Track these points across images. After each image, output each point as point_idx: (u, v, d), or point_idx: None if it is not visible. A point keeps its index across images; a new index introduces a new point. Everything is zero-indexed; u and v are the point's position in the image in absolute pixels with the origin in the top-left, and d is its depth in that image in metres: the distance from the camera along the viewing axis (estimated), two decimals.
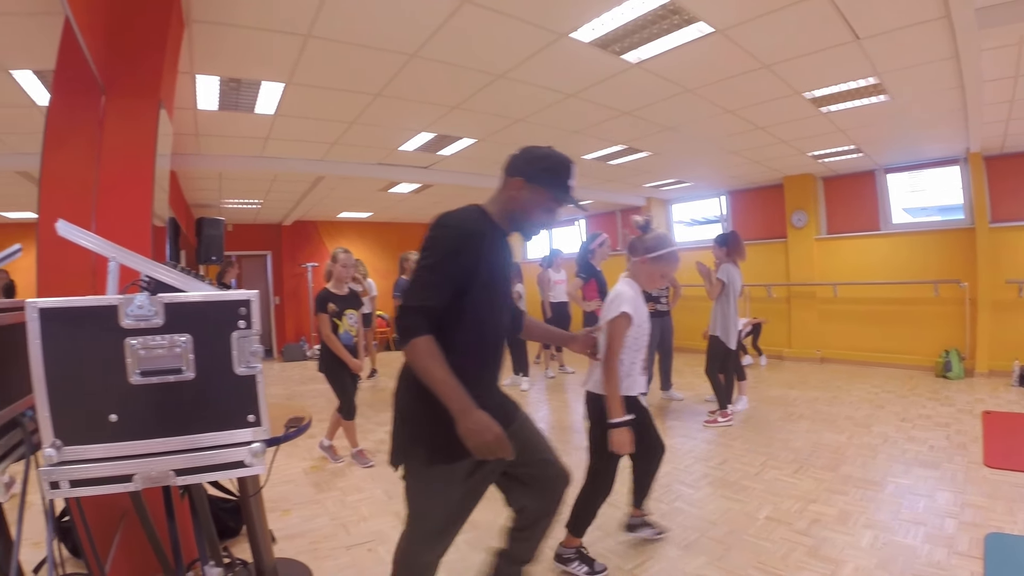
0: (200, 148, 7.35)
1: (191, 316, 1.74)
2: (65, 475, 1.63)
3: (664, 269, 3.27)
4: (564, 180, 2.25)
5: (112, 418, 1.68)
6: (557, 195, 2.25)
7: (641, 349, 3.25)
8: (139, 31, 3.27)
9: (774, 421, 6.35)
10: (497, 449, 1.94)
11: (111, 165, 3.08)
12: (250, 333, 1.78)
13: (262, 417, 1.82)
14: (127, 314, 1.67)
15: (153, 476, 1.72)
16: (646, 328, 3.26)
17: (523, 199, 2.23)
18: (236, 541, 3.74)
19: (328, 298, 5.14)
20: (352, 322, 5.21)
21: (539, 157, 2.25)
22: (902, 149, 8.75)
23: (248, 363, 1.78)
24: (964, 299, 8.84)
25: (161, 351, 1.70)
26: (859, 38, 4.65)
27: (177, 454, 1.74)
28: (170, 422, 1.74)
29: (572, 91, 5.84)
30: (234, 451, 1.79)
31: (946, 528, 3.55)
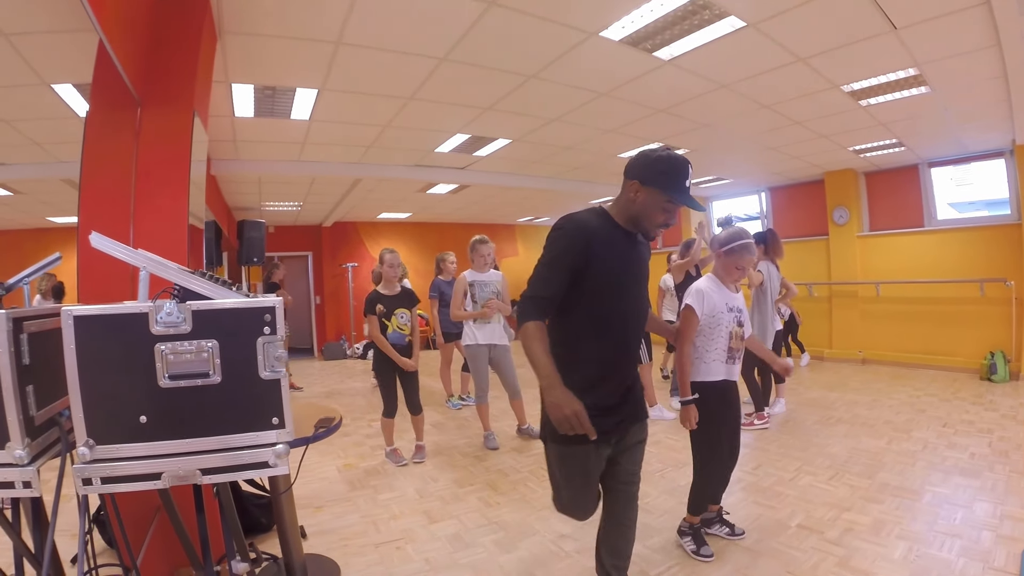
0: (239, 154, 7.51)
1: (218, 322, 1.82)
2: (97, 472, 1.73)
3: (737, 262, 3.43)
4: (679, 181, 2.35)
5: (142, 419, 1.76)
6: (673, 196, 2.34)
7: (717, 339, 3.39)
8: (172, 45, 3.39)
9: (811, 425, 6.25)
10: (576, 424, 2.07)
11: (147, 174, 3.19)
12: (275, 339, 1.84)
13: (286, 420, 1.88)
14: (157, 321, 1.75)
15: (180, 475, 1.79)
16: (721, 320, 3.39)
17: (640, 201, 2.37)
18: (268, 536, 3.82)
19: (376, 299, 5.26)
20: (403, 321, 5.30)
21: (654, 160, 2.36)
22: (945, 142, 8.49)
23: (273, 367, 1.85)
24: (1011, 299, 8.54)
25: (189, 356, 1.78)
26: (896, 28, 4.53)
27: (204, 454, 1.82)
28: (197, 424, 1.81)
29: (605, 90, 5.83)
30: (259, 452, 1.86)
31: (983, 541, 3.42)
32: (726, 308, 3.42)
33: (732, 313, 3.44)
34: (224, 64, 4.63)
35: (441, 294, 7.46)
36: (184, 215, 3.27)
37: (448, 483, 4.86)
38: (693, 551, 3.46)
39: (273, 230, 13.78)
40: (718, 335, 3.40)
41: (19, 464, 1.73)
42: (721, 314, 3.39)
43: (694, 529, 3.55)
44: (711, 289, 3.44)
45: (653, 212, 2.38)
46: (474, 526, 4.00)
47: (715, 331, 3.40)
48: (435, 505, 4.38)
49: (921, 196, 9.92)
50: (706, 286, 3.46)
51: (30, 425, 1.78)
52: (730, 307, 3.44)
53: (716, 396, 3.42)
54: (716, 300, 3.41)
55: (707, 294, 3.40)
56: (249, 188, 9.79)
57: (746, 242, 3.44)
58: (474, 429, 6.48)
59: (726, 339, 3.41)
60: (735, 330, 3.45)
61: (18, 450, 1.72)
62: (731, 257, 3.44)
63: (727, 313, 3.42)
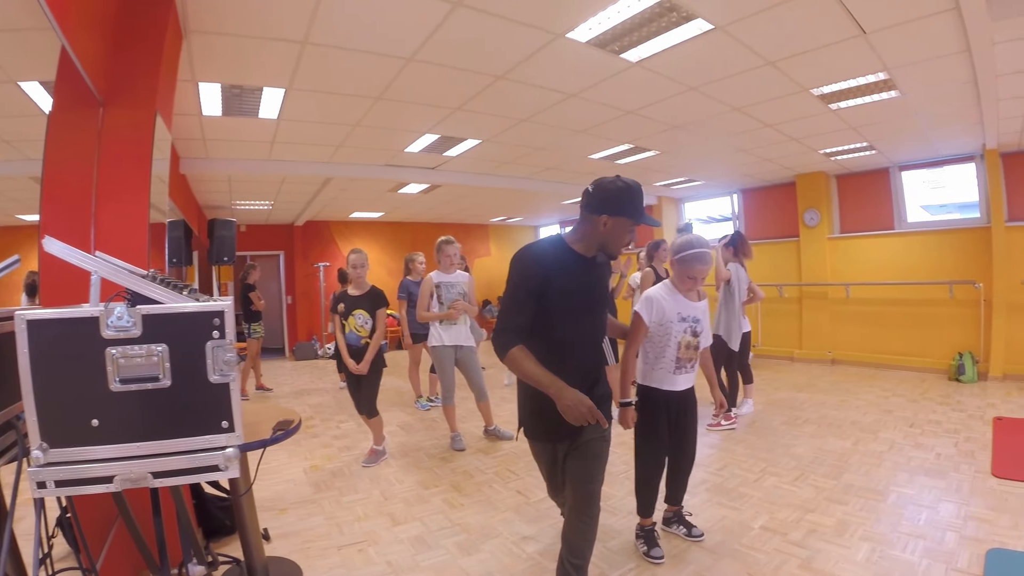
0: (208, 152, 7.44)
1: (167, 326, 1.81)
2: (51, 475, 1.71)
3: (689, 271, 3.40)
4: (640, 206, 2.70)
5: (94, 423, 1.75)
6: (637, 220, 2.68)
7: (666, 348, 3.42)
8: (135, 44, 3.37)
9: (778, 425, 6.30)
10: (591, 416, 2.38)
11: (109, 174, 3.19)
12: (224, 343, 1.84)
13: (236, 423, 1.88)
14: (108, 325, 1.74)
15: (132, 478, 1.78)
16: (670, 329, 3.40)
17: (609, 230, 2.66)
18: (231, 539, 3.80)
19: (339, 299, 5.31)
20: (360, 322, 5.26)
21: (617, 192, 2.65)
22: (916, 146, 8.59)
23: (222, 371, 1.84)
24: (979, 300, 8.71)
25: (139, 360, 1.77)
26: (866, 32, 4.55)
27: (155, 457, 1.81)
28: (148, 427, 1.81)
29: (573, 91, 5.83)
30: (209, 455, 1.85)
31: (947, 542, 3.46)
32: (677, 317, 3.42)
33: (685, 323, 3.44)
34: (191, 63, 4.58)
35: (410, 294, 7.43)
36: (145, 215, 3.26)
37: (413, 485, 4.86)
38: (644, 553, 3.50)
39: (244, 229, 13.73)
40: (666, 344, 3.42)
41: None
42: (671, 323, 3.40)
43: (645, 531, 3.59)
44: (663, 297, 3.45)
45: (621, 236, 2.70)
46: (437, 528, 4.00)
47: (663, 340, 3.42)
48: (399, 507, 4.38)
49: (892, 199, 10.05)
50: (658, 293, 3.47)
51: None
52: (683, 316, 3.44)
53: (658, 403, 3.49)
54: (667, 308, 3.41)
55: (657, 302, 3.42)
56: (220, 187, 9.71)
57: (698, 251, 3.39)
58: (441, 430, 6.48)
59: (675, 349, 3.42)
60: (685, 339, 3.44)
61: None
62: (683, 266, 3.42)
63: (678, 323, 3.42)
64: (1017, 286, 8.26)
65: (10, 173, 7.11)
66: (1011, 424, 5.98)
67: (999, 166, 8.44)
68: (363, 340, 5.27)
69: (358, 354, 5.22)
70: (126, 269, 1.96)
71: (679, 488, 3.78)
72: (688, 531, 3.72)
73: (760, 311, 10.97)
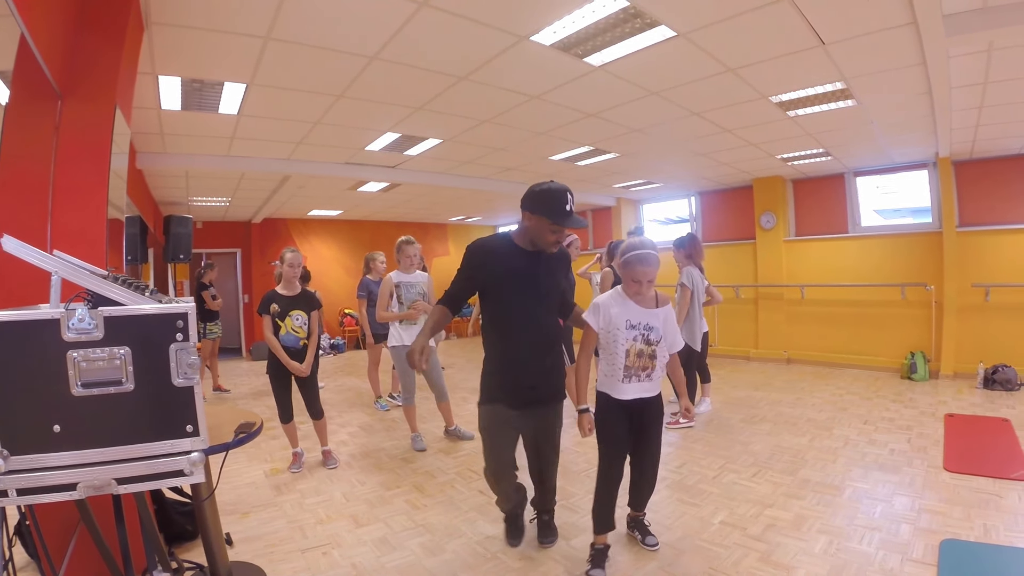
0: (166, 147, 7.29)
1: (130, 329, 1.77)
2: (13, 483, 1.66)
3: (632, 274, 3.24)
4: (559, 207, 3.08)
5: (56, 428, 1.70)
6: (555, 219, 3.10)
7: (615, 354, 3.29)
8: (96, 36, 3.26)
9: (736, 423, 6.40)
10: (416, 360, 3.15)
11: (66, 169, 3.08)
12: (187, 345, 1.81)
13: (200, 427, 1.85)
14: (69, 327, 1.70)
15: (96, 485, 1.74)
16: (617, 336, 3.27)
17: (532, 226, 3.20)
18: (194, 544, 3.73)
19: (272, 299, 5.10)
20: (298, 323, 5.14)
21: (537, 193, 3.13)
22: (871, 153, 8.81)
23: (186, 374, 1.81)
24: (931, 302, 8.98)
25: (101, 363, 1.73)
26: (825, 43, 4.64)
27: (119, 463, 1.77)
28: (112, 432, 1.76)
29: (536, 93, 5.84)
30: (174, 460, 1.82)
31: (901, 534, 3.57)
32: (626, 324, 3.26)
33: (634, 330, 3.27)
34: (151, 55, 4.47)
35: (370, 293, 7.37)
36: (103, 212, 3.17)
37: (375, 486, 4.83)
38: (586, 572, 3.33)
39: (201, 226, 13.47)
40: (614, 351, 3.29)
41: None
42: (617, 330, 3.27)
43: (596, 551, 3.41)
44: (611, 303, 3.33)
45: (544, 233, 3.17)
46: (401, 529, 3.98)
47: (610, 347, 3.31)
48: (362, 509, 4.35)
49: (846, 203, 10.28)
50: (605, 300, 3.37)
51: None
52: (632, 323, 3.27)
53: (613, 410, 3.36)
54: (614, 315, 3.28)
55: (604, 308, 3.32)
56: (176, 182, 9.52)
57: (640, 253, 3.22)
58: (402, 431, 6.44)
59: (622, 356, 3.27)
60: (636, 347, 3.28)
61: None
62: (626, 269, 3.27)
63: (626, 330, 3.26)
64: (967, 288, 8.53)
65: None
66: (962, 420, 6.17)
67: (951, 174, 8.74)
68: (301, 341, 5.17)
69: (297, 356, 5.11)
70: (86, 269, 1.90)
71: (640, 495, 3.65)
72: (643, 539, 3.65)
73: (717, 311, 11.05)
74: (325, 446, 5.49)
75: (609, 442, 3.39)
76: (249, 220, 14.26)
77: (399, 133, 7.25)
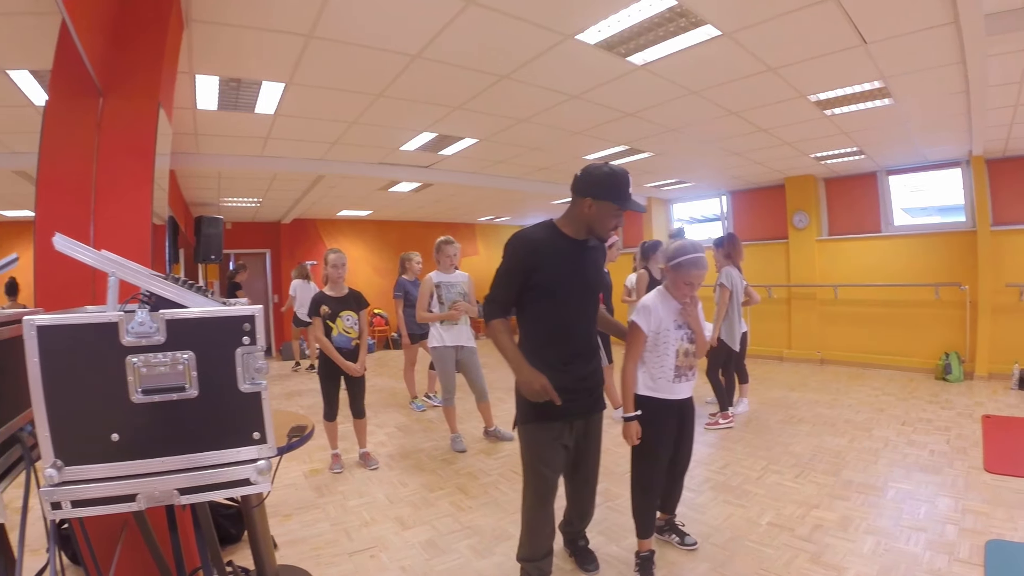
0: (199, 147, 7.30)
1: (194, 332, 1.69)
2: (66, 495, 1.58)
3: (685, 277, 3.23)
4: (626, 191, 2.87)
5: (114, 437, 1.62)
6: (622, 204, 2.86)
7: (665, 355, 3.28)
8: (138, 33, 3.23)
9: (775, 424, 6.34)
10: (543, 393, 2.77)
11: (109, 168, 3.04)
12: (254, 349, 1.73)
13: (267, 434, 1.77)
14: (128, 331, 1.62)
15: (156, 496, 1.67)
16: (668, 337, 3.27)
17: (593, 213, 2.88)
18: (238, 547, 3.73)
19: (321, 300, 5.12)
20: (349, 324, 5.16)
21: (602, 177, 2.85)
22: (904, 151, 8.71)
23: (253, 379, 1.73)
24: (964, 302, 8.84)
25: (163, 368, 1.65)
26: (866, 42, 4.61)
27: (181, 473, 1.69)
28: (173, 441, 1.69)
29: (576, 92, 5.80)
30: (239, 469, 1.74)
31: (947, 534, 3.57)
32: (674, 325, 3.28)
33: (681, 330, 3.30)
34: (189, 54, 4.45)
35: (406, 293, 7.36)
36: (147, 212, 3.13)
37: (418, 487, 4.80)
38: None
39: (231, 226, 13.54)
40: (663, 352, 3.27)
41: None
42: (668, 331, 3.27)
43: (642, 559, 3.34)
44: (659, 304, 3.31)
45: (606, 219, 2.90)
46: (448, 531, 3.95)
47: (660, 348, 3.28)
48: (406, 511, 4.32)
49: (879, 202, 10.14)
50: (653, 301, 3.33)
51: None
52: (679, 324, 3.30)
53: (663, 414, 3.31)
54: (663, 316, 3.28)
55: (653, 310, 3.29)
56: (209, 183, 9.57)
57: (694, 256, 3.22)
58: (440, 431, 6.42)
59: (673, 357, 3.27)
60: (683, 347, 3.30)
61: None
62: (678, 272, 3.25)
63: (675, 330, 3.28)
64: (1001, 288, 8.41)
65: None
66: (999, 421, 6.12)
67: (984, 172, 8.60)
68: (353, 342, 5.19)
69: (350, 356, 5.12)
70: (143, 271, 1.84)
71: (674, 497, 3.69)
72: (681, 539, 3.64)
73: (750, 311, 10.90)
74: (364, 447, 5.48)
75: (661, 445, 3.35)
76: (279, 221, 14.33)
77: (435, 133, 7.23)
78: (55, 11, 2.33)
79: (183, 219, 9.89)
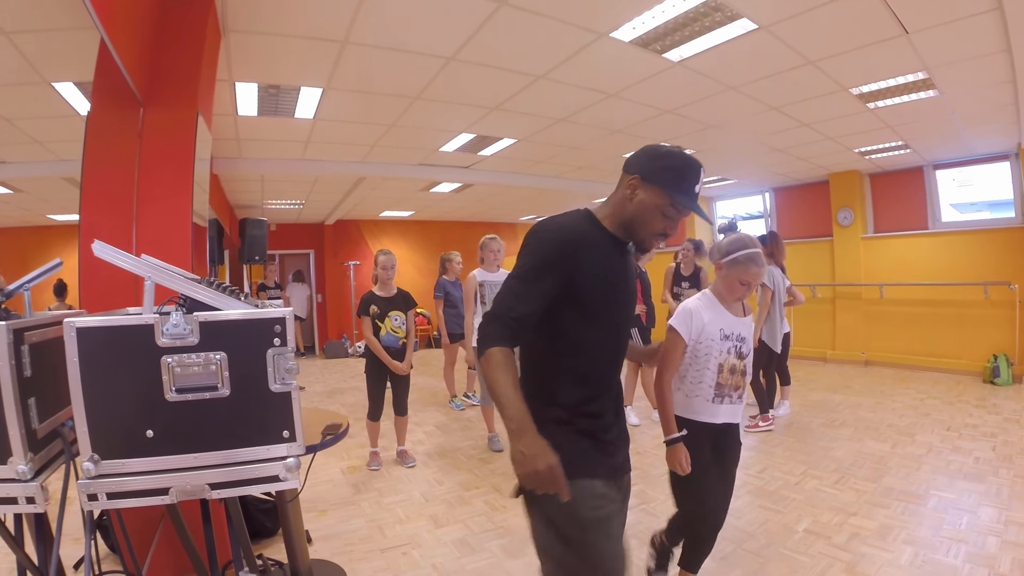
0: (242, 152, 7.48)
1: (226, 334, 1.76)
2: (103, 488, 1.68)
3: (742, 276, 2.73)
4: (687, 183, 1.88)
5: (149, 433, 1.71)
6: (677, 198, 1.86)
7: (705, 370, 2.76)
8: (175, 43, 3.35)
9: (816, 428, 6.24)
10: (547, 482, 1.57)
11: (150, 175, 3.16)
12: (284, 350, 1.79)
13: (297, 433, 1.84)
14: (163, 333, 1.70)
15: (188, 490, 1.75)
16: (710, 348, 2.76)
17: (638, 200, 1.89)
18: (272, 541, 3.80)
19: (370, 300, 5.22)
20: (397, 323, 5.24)
21: (662, 154, 1.91)
22: (951, 144, 8.48)
23: (283, 380, 1.80)
24: (1015, 302, 8.52)
25: (196, 369, 1.72)
26: (908, 32, 4.50)
27: (212, 468, 1.77)
28: (206, 437, 1.77)
29: (613, 91, 5.79)
30: (269, 466, 1.81)
31: (988, 547, 3.43)
32: (720, 335, 2.77)
33: (728, 341, 2.78)
34: (228, 62, 4.58)
35: (447, 293, 7.43)
36: (188, 217, 3.24)
37: (453, 486, 4.83)
38: None
39: (275, 228, 13.79)
40: (703, 366, 2.77)
41: (22, 479, 1.67)
42: (711, 341, 2.76)
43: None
44: (703, 309, 2.80)
45: (652, 216, 1.89)
46: (480, 531, 3.97)
47: (700, 361, 2.78)
48: (441, 509, 4.36)
49: (925, 198, 9.90)
50: (697, 305, 2.82)
51: (32, 439, 1.72)
52: (726, 334, 2.78)
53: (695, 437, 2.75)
54: (708, 323, 2.76)
55: (696, 315, 2.77)
56: (252, 186, 9.77)
57: (752, 252, 2.73)
58: (477, 431, 6.46)
59: (714, 372, 2.76)
60: (729, 362, 2.79)
61: (21, 465, 1.66)
62: (734, 270, 2.74)
63: (720, 341, 2.77)
64: None
65: (42, 174, 7.22)
66: None
67: None
68: (401, 341, 5.27)
69: (397, 355, 5.20)
70: (179, 274, 1.91)
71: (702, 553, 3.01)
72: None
73: (793, 311, 10.75)
74: (402, 445, 5.55)
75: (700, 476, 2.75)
76: (322, 222, 14.53)
77: (474, 134, 7.28)
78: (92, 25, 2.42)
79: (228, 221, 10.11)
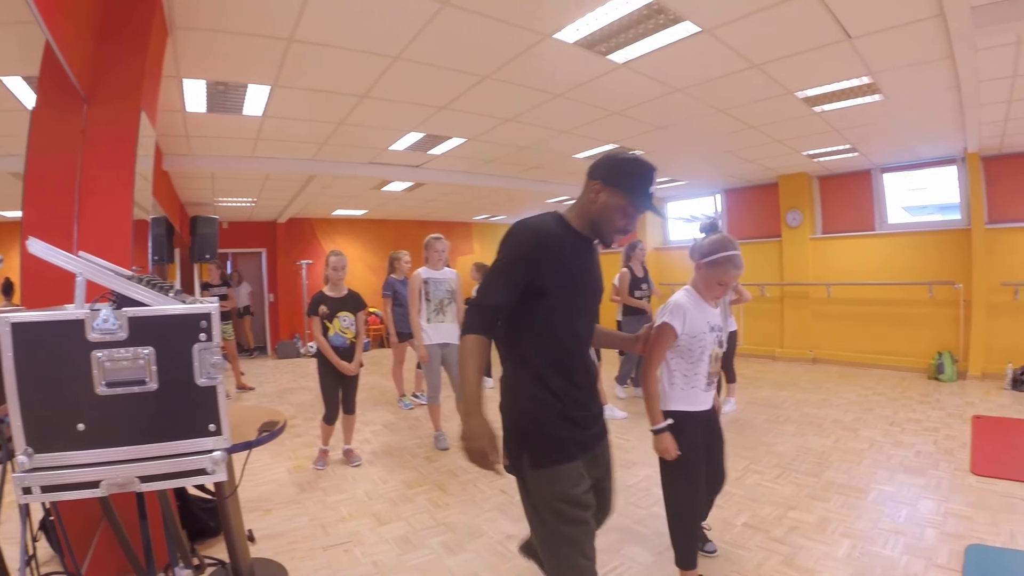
0: (191, 149, 7.39)
1: (154, 329, 1.80)
2: (37, 481, 1.70)
3: (721, 276, 2.95)
4: (644, 186, 2.21)
5: (80, 427, 1.74)
6: (635, 200, 2.20)
7: (698, 361, 2.97)
8: (120, 41, 3.33)
9: (760, 424, 6.34)
10: (480, 460, 1.98)
11: (92, 171, 3.16)
12: (211, 345, 1.83)
13: (223, 426, 1.87)
14: (93, 328, 1.73)
15: (119, 482, 1.77)
16: (704, 341, 2.96)
17: (600, 202, 2.21)
18: (216, 541, 3.77)
19: (320, 300, 5.21)
20: (346, 324, 5.24)
21: (620, 161, 2.24)
22: (898, 148, 8.68)
23: (209, 374, 1.83)
24: (959, 301, 8.78)
25: (125, 363, 1.76)
26: (851, 37, 4.58)
27: (142, 461, 1.80)
28: (135, 431, 1.79)
29: (559, 91, 5.83)
30: (196, 459, 1.84)
31: (926, 539, 3.51)
32: (707, 328, 2.97)
33: (713, 333, 3.00)
34: (175, 59, 4.54)
35: (395, 292, 7.41)
36: (128, 213, 3.24)
37: (397, 484, 4.85)
38: None
39: (227, 226, 13.63)
40: (699, 358, 2.97)
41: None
42: (703, 335, 2.95)
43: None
44: (692, 306, 2.98)
45: (613, 215, 2.21)
46: (422, 528, 3.99)
47: (695, 353, 2.96)
48: (384, 507, 4.37)
49: (873, 200, 10.12)
50: (686, 301, 2.99)
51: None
52: (712, 326, 3.00)
53: (692, 428, 2.97)
54: (697, 319, 2.95)
55: (688, 312, 2.94)
56: (202, 183, 9.63)
57: (732, 254, 2.94)
58: (425, 429, 6.45)
59: (707, 363, 2.98)
60: (715, 352, 3.03)
61: None
62: (713, 270, 2.96)
63: (708, 333, 2.97)
64: (996, 287, 8.37)
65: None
66: (989, 422, 6.06)
67: (980, 169, 8.54)
68: (349, 341, 5.27)
69: (345, 355, 5.20)
70: (111, 270, 1.94)
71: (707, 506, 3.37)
72: (702, 546, 3.43)
73: (742, 310, 10.91)
74: (349, 444, 5.55)
75: (692, 469, 2.96)
76: (274, 220, 14.39)
77: (423, 133, 7.28)
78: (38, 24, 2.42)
79: (179, 219, 9.98)
